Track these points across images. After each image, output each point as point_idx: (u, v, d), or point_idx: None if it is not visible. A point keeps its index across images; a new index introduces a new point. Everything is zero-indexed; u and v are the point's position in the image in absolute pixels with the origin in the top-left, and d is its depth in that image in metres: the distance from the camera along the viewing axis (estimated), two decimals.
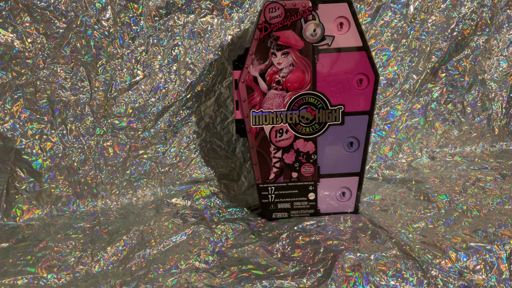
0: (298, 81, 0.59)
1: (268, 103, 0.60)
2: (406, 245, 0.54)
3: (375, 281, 0.48)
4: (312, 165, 0.61)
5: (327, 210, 0.64)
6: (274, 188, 0.63)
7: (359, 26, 0.57)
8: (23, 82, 0.61)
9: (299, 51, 0.58)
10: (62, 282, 0.50)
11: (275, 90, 0.59)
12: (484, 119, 0.90)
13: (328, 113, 0.60)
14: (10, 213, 0.64)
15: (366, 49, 0.58)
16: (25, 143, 0.63)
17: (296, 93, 0.59)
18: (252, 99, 0.59)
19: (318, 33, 0.57)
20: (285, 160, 0.61)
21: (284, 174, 0.62)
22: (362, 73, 0.59)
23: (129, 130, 0.68)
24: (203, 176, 0.75)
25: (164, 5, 0.65)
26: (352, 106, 0.60)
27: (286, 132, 0.60)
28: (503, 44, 0.86)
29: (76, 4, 0.61)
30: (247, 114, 0.60)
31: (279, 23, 0.57)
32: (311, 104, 0.59)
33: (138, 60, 0.66)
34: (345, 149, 0.61)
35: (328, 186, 0.63)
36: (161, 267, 0.51)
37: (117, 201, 0.70)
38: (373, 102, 0.60)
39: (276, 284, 0.47)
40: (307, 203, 0.63)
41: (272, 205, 0.63)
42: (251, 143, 0.61)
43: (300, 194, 0.63)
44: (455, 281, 0.49)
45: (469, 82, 0.86)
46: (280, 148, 0.61)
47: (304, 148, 0.61)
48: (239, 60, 0.59)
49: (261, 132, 0.60)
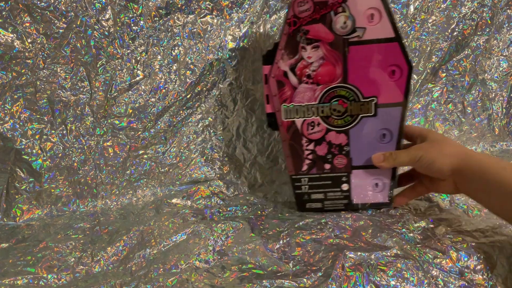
0: (328, 74, 0.59)
1: (299, 97, 0.60)
2: (407, 245, 0.53)
3: (376, 280, 0.48)
4: (344, 156, 0.62)
5: (361, 201, 0.64)
6: (307, 179, 0.63)
7: (391, 16, 0.56)
8: (23, 82, 0.61)
9: (329, 44, 0.58)
10: (62, 282, 0.50)
11: (306, 84, 0.59)
12: (484, 119, 0.90)
13: (360, 106, 0.59)
14: (10, 213, 0.64)
15: (399, 40, 0.57)
16: (25, 143, 0.63)
17: (327, 86, 0.59)
18: (283, 93, 0.60)
19: (349, 25, 0.57)
20: (318, 152, 0.62)
21: (317, 165, 0.63)
22: (394, 64, 0.58)
23: (129, 130, 0.68)
24: (203, 176, 0.75)
25: (164, 6, 0.65)
26: (385, 98, 0.59)
27: (318, 125, 0.61)
28: (504, 44, 0.86)
29: (76, 4, 0.61)
30: (278, 108, 0.60)
31: (308, 16, 0.57)
32: (342, 96, 0.59)
33: (138, 60, 0.66)
34: (378, 141, 0.61)
35: (361, 177, 0.63)
36: (161, 267, 0.51)
37: (117, 201, 0.70)
38: (406, 93, 0.59)
39: (277, 284, 0.47)
40: (340, 194, 0.64)
41: (306, 195, 0.64)
42: (283, 137, 0.61)
43: (334, 185, 0.63)
44: (455, 281, 0.48)
45: (470, 82, 0.86)
46: (312, 140, 0.61)
47: (336, 140, 0.61)
48: (269, 55, 0.59)
49: (293, 125, 0.61)
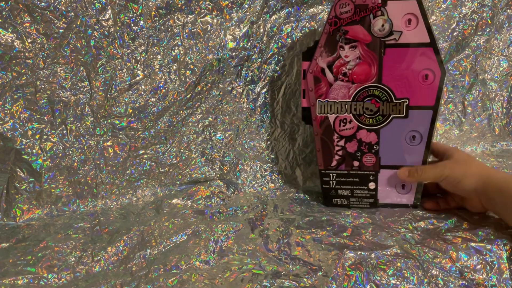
0: (364, 73, 0.61)
1: (334, 94, 0.62)
2: (407, 244, 0.53)
3: (376, 280, 0.48)
4: (373, 155, 0.63)
5: (386, 201, 0.65)
6: (335, 175, 0.65)
7: (427, 22, 0.59)
8: (23, 82, 0.61)
9: (367, 45, 0.61)
10: (62, 282, 0.50)
11: (341, 81, 0.62)
12: (484, 119, 0.90)
13: (392, 106, 0.61)
14: (10, 213, 0.64)
15: (434, 45, 0.59)
16: (25, 143, 0.63)
17: (362, 85, 0.61)
18: (319, 89, 0.62)
19: (386, 28, 0.60)
20: (348, 148, 0.63)
21: (346, 162, 0.64)
22: (428, 68, 0.60)
23: (129, 130, 0.68)
24: (203, 176, 0.75)
25: (164, 5, 0.65)
26: (416, 100, 0.61)
27: (349, 122, 0.62)
28: (504, 44, 0.86)
29: (76, 4, 0.61)
30: (313, 102, 0.63)
31: (348, 18, 0.60)
32: (375, 96, 0.61)
33: (138, 60, 0.66)
34: (407, 142, 0.62)
35: (389, 177, 0.64)
36: (161, 267, 0.51)
37: (117, 201, 0.70)
38: (438, 98, 0.60)
39: (277, 284, 0.47)
40: (367, 192, 0.65)
41: (333, 191, 0.66)
42: (315, 131, 0.64)
43: (361, 182, 0.65)
44: (455, 280, 0.48)
45: (470, 82, 0.86)
46: (343, 137, 0.63)
47: (367, 139, 0.63)
48: (308, 52, 0.63)
49: (326, 121, 0.63)
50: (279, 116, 0.76)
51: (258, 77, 0.73)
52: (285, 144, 0.77)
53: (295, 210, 0.66)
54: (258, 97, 0.75)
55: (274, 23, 0.71)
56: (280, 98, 0.75)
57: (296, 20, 0.72)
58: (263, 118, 0.76)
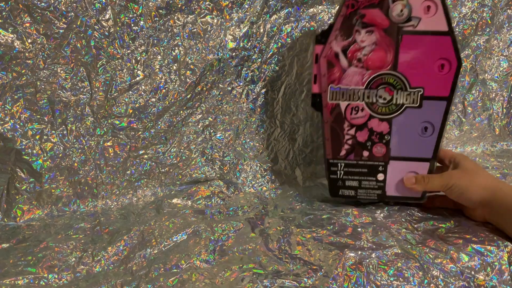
0: (379, 60, 0.59)
1: (347, 80, 0.60)
2: (408, 244, 0.53)
3: (376, 280, 0.48)
4: (384, 145, 0.61)
5: (394, 193, 0.63)
6: (343, 165, 0.62)
7: (446, 11, 0.57)
8: (23, 82, 0.61)
9: (384, 30, 0.58)
10: (63, 282, 0.50)
11: (355, 67, 0.59)
12: (484, 119, 0.90)
13: (406, 95, 0.59)
14: (10, 213, 0.64)
15: (452, 34, 0.57)
16: (25, 143, 0.63)
17: (376, 72, 0.59)
18: (332, 74, 0.60)
19: (405, 13, 0.57)
20: (358, 138, 0.61)
21: (355, 151, 0.62)
22: (444, 58, 0.58)
23: (129, 130, 0.68)
24: (203, 176, 0.75)
25: (164, 6, 0.65)
26: (431, 90, 0.59)
27: (361, 110, 0.60)
28: (504, 44, 0.86)
29: (76, 4, 0.61)
30: (325, 89, 0.60)
31: (366, 1, 0.57)
32: (390, 84, 0.59)
33: (138, 60, 0.66)
34: (419, 133, 0.60)
35: (398, 168, 0.62)
36: (162, 267, 0.51)
37: (118, 201, 0.70)
38: (453, 89, 0.59)
39: (277, 283, 0.47)
40: (375, 183, 0.63)
41: (340, 181, 0.63)
42: (325, 118, 0.61)
43: (369, 173, 0.63)
44: (456, 281, 0.48)
45: (470, 82, 0.86)
46: (354, 125, 0.61)
47: (378, 128, 0.61)
48: (323, 35, 0.60)
49: (337, 108, 0.60)
50: (279, 116, 0.76)
51: (258, 77, 0.73)
52: (285, 144, 0.77)
53: (295, 209, 0.66)
54: (258, 97, 0.75)
55: (274, 23, 0.71)
56: (280, 98, 0.75)
57: (296, 20, 0.72)
58: (263, 118, 0.76)
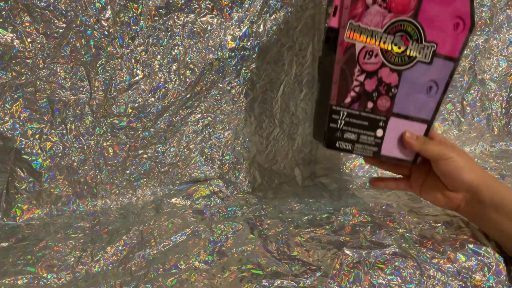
0: (403, 3, 0.56)
1: (368, 19, 0.56)
2: (405, 243, 0.54)
3: (374, 279, 0.48)
4: (389, 99, 0.59)
5: (388, 153, 0.61)
6: (345, 114, 0.59)
7: None
8: (23, 82, 0.61)
9: None
10: (62, 282, 0.50)
11: (379, 6, 0.56)
12: (483, 119, 0.90)
13: (420, 48, 0.57)
14: (10, 212, 0.64)
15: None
16: (25, 143, 0.63)
17: (397, 16, 0.57)
18: (354, 8, 0.56)
19: None
20: (366, 86, 0.58)
21: (360, 101, 0.59)
22: (460, 17, 0.56)
23: (129, 129, 0.68)
24: (202, 175, 0.75)
25: (163, 5, 0.65)
26: (442, 48, 0.58)
27: (375, 56, 0.58)
28: (503, 44, 0.86)
29: (76, 4, 0.61)
30: (344, 23, 0.56)
31: None
32: (407, 32, 0.57)
33: (138, 59, 0.66)
34: (424, 92, 0.59)
35: (397, 127, 0.60)
36: (161, 267, 0.51)
37: (117, 201, 0.70)
38: (462, 51, 0.58)
39: (276, 284, 0.47)
40: (373, 139, 0.60)
41: (339, 132, 0.60)
42: (338, 58, 0.57)
43: (369, 127, 0.60)
44: (453, 281, 0.49)
45: (469, 82, 0.86)
46: (365, 72, 0.58)
47: (388, 79, 0.59)
48: None
49: (351, 49, 0.57)
50: (278, 115, 0.76)
51: (258, 76, 0.74)
52: (284, 143, 0.78)
53: (294, 209, 0.66)
54: (257, 97, 0.75)
55: (274, 23, 0.71)
56: (279, 97, 0.75)
57: (296, 20, 0.72)
58: (262, 117, 0.76)
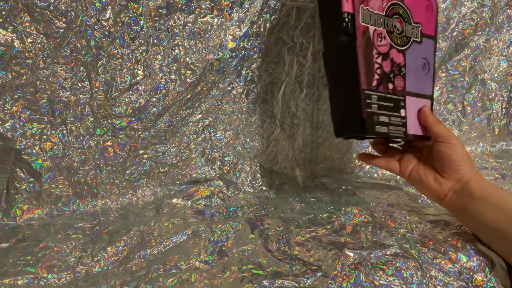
0: None
1: (372, 3, 0.57)
2: (407, 244, 0.54)
3: (375, 280, 0.48)
4: (402, 78, 0.60)
5: (412, 132, 0.61)
6: (377, 97, 0.58)
7: None
8: (23, 82, 0.61)
9: None
10: (62, 282, 0.50)
11: None
12: (484, 119, 0.90)
13: (411, 29, 0.60)
14: (10, 213, 0.64)
15: None
16: (25, 143, 0.63)
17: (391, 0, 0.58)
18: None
19: None
20: (384, 67, 0.58)
21: (383, 83, 0.58)
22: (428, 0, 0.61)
23: (129, 130, 0.68)
24: (203, 176, 0.75)
25: (164, 5, 0.65)
26: (425, 28, 0.61)
27: (384, 38, 0.58)
28: (503, 44, 0.86)
29: (76, 4, 0.61)
30: (357, 8, 0.56)
31: None
32: (400, 15, 0.59)
33: (139, 60, 0.66)
34: (421, 69, 0.61)
35: (413, 105, 0.61)
36: (161, 267, 0.51)
37: (117, 201, 0.70)
38: (436, 30, 0.61)
39: (277, 284, 0.47)
40: (400, 120, 0.60)
41: (375, 116, 0.57)
42: (359, 42, 0.56)
43: (394, 108, 0.59)
44: (454, 281, 0.49)
45: (469, 82, 0.86)
46: (381, 54, 0.58)
47: (397, 59, 0.59)
48: None
49: (367, 32, 0.57)
50: (278, 116, 0.76)
51: (258, 76, 0.74)
52: (284, 144, 0.78)
53: (295, 209, 0.66)
54: (258, 97, 0.75)
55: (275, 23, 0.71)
56: (279, 98, 0.75)
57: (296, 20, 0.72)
58: (262, 118, 0.76)
